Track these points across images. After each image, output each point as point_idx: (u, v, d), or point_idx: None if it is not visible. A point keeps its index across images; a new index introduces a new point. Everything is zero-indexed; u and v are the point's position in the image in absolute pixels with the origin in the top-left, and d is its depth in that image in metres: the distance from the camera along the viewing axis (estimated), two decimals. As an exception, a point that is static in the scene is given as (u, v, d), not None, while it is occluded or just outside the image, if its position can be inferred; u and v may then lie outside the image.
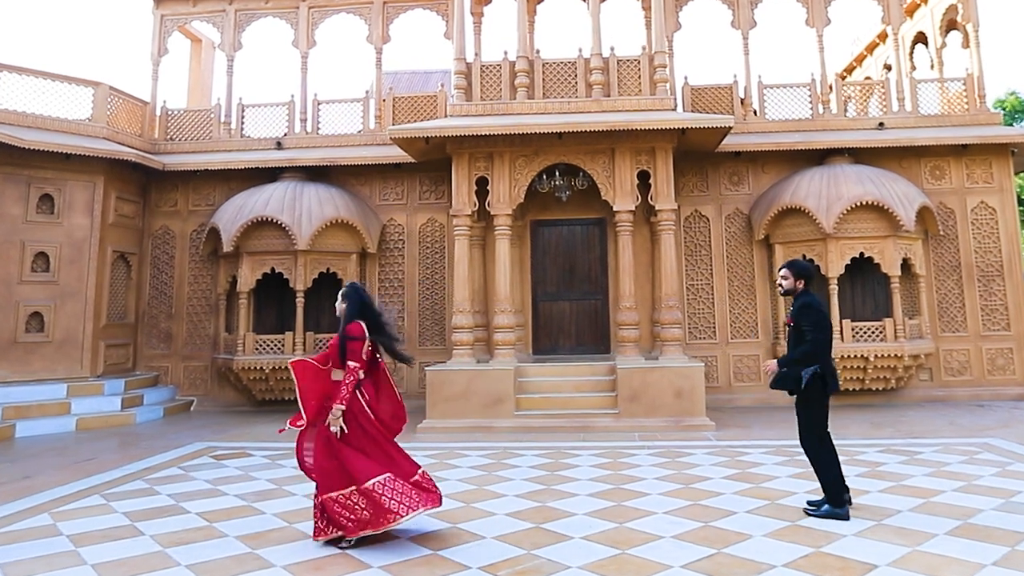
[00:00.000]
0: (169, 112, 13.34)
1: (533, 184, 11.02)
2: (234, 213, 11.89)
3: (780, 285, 5.62)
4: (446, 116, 11.48)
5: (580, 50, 10.94)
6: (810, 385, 5.26)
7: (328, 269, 12.04)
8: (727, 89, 12.38)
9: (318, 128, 12.99)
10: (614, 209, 10.50)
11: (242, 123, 13.18)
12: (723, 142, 11.44)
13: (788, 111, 12.37)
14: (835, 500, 5.26)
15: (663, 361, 10.04)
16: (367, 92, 12.98)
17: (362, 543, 4.74)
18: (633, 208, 10.45)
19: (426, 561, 4.48)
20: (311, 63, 13.19)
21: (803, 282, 5.51)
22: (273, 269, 11.81)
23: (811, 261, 11.30)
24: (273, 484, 6.77)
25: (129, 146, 12.22)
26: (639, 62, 10.82)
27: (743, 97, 12.38)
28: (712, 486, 6.37)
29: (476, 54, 11.29)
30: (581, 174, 10.95)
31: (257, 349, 11.69)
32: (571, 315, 12.19)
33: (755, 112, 12.35)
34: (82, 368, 11.61)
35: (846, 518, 5.20)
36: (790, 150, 11.85)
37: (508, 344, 10.46)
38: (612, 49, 10.88)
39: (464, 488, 6.46)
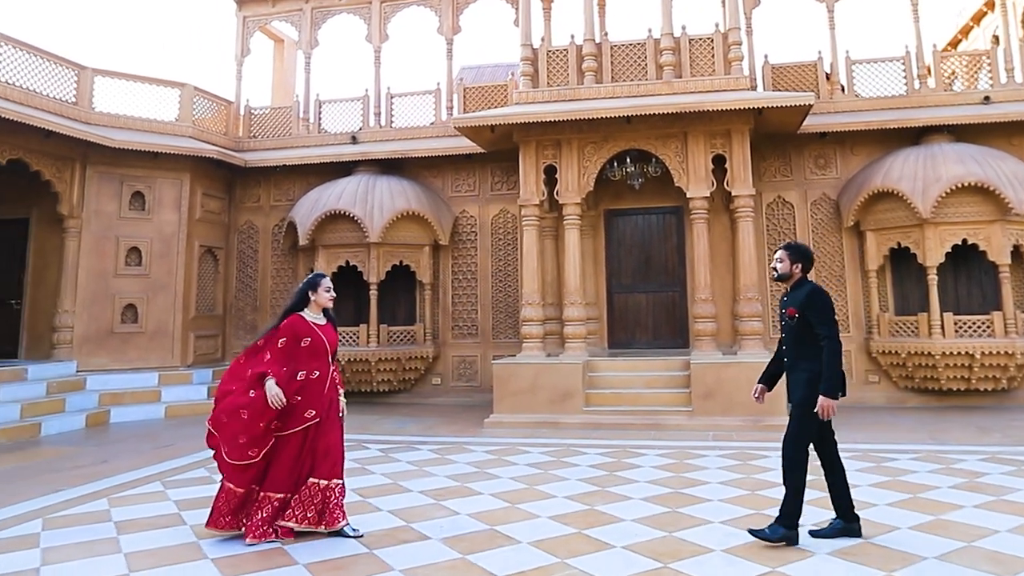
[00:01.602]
0: (252, 110, 13.76)
1: (604, 172, 10.64)
2: (309, 207, 12.12)
3: (774, 269, 4.93)
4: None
5: (650, 31, 10.46)
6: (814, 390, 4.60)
7: (401, 262, 12.08)
8: (811, 66, 11.53)
9: (391, 121, 13.05)
10: (688, 196, 9.99)
11: (319, 119, 13.43)
12: (807, 122, 10.67)
13: (879, 88, 11.38)
14: (791, 522, 4.59)
15: (741, 356, 9.49)
16: (438, 84, 12.93)
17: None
18: (708, 194, 9.91)
19: (451, 566, 4.28)
20: (384, 57, 13.26)
21: (800, 267, 4.83)
22: (348, 262, 11.95)
23: (906, 249, 10.43)
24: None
25: (214, 144, 12.66)
26: (712, 41, 10.23)
27: (829, 74, 11.51)
28: (780, 493, 5.85)
29: (543, 39, 10.99)
30: (653, 160, 10.47)
31: (333, 341, 11.86)
32: (647, 308, 11.75)
33: (842, 90, 11.46)
34: (173, 358, 12.13)
35: (796, 542, 4.58)
36: (882, 129, 10.89)
37: (578, 337, 10.17)
38: (684, 28, 10.34)
39: (514, 487, 6.24)
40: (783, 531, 4.56)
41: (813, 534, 4.74)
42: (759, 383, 5.05)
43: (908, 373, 10.50)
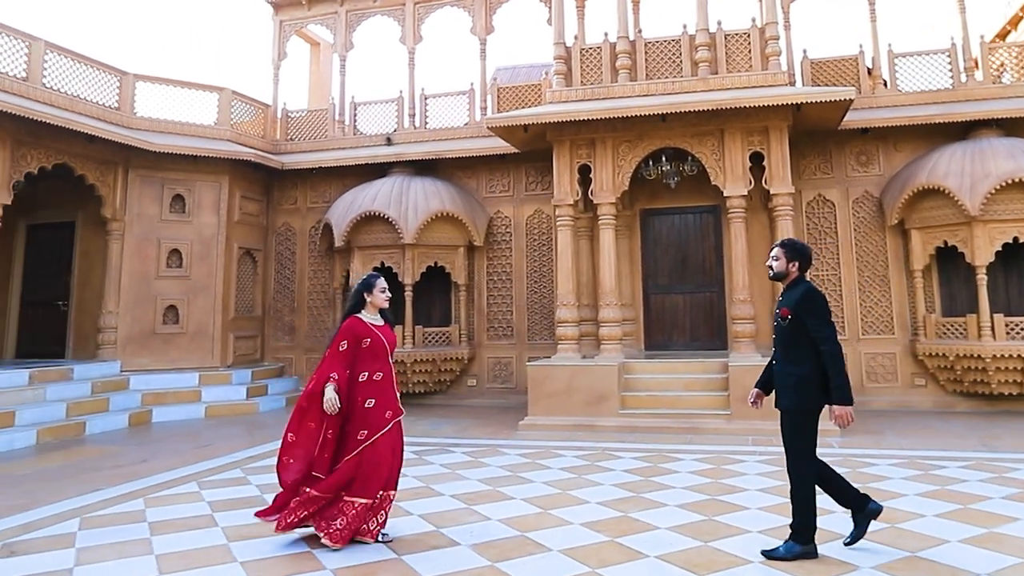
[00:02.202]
0: (289, 113, 13.91)
1: (640, 171, 10.50)
2: (345, 209, 12.20)
3: (769, 267, 4.70)
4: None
5: (684, 27, 10.28)
6: (812, 400, 4.40)
7: (436, 263, 12.09)
8: (852, 60, 11.24)
9: (426, 122, 13.08)
10: (725, 194, 9.79)
11: (355, 121, 13.51)
12: (848, 118, 10.39)
13: (924, 82, 11.02)
14: (806, 536, 4.40)
15: (781, 359, 9.23)
16: (472, 84, 12.92)
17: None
18: (745, 193, 9.69)
19: (479, 573, 4.21)
20: (418, 58, 13.29)
21: (797, 265, 4.59)
22: (383, 263, 11.99)
23: (953, 247, 10.07)
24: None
25: (252, 147, 12.82)
26: (749, 36, 10.01)
27: (870, 68, 11.19)
28: (820, 501, 5.61)
29: (576, 37, 10.88)
30: (689, 159, 10.29)
31: (367, 342, 11.91)
32: (684, 309, 11.56)
33: (885, 84, 11.12)
34: (213, 358, 12.30)
35: (815, 555, 4.39)
36: (927, 124, 10.53)
37: (614, 339, 10.04)
38: (719, 24, 10.14)
39: (547, 492, 6.16)
40: (799, 548, 4.38)
41: (848, 544, 4.57)
42: (755, 387, 4.80)
43: (957, 376, 10.14)
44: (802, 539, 4.40)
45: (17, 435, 8.80)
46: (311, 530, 4.77)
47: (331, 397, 4.61)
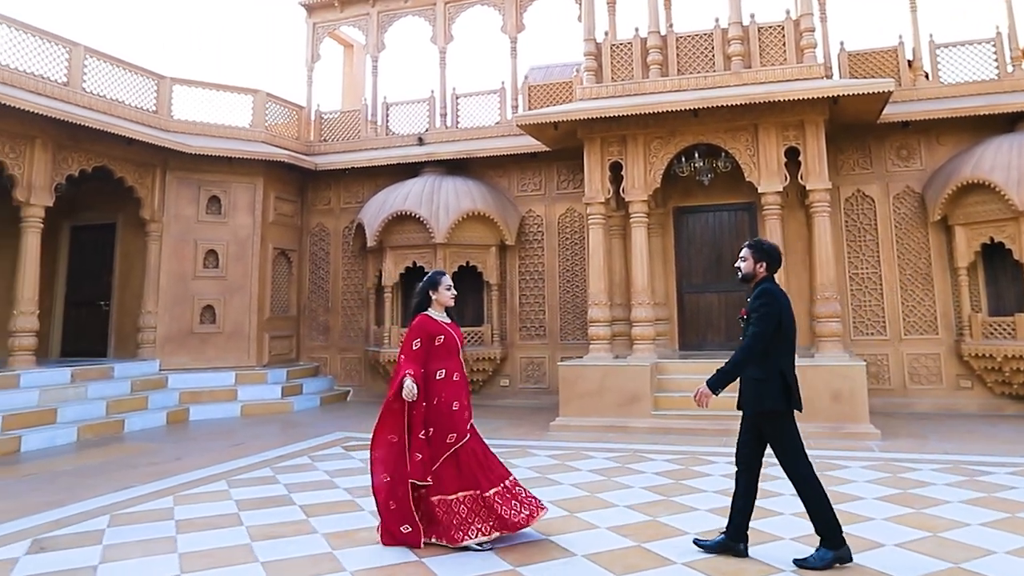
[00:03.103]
0: (322, 115, 14.02)
1: (672, 168, 10.32)
2: (376, 209, 12.25)
3: (738, 268, 4.57)
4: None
5: (716, 20, 10.08)
6: (772, 401, 4.27)
7: (468, 262, 12.06)
8: (891, 52, 10.90)
9: (457, 122, 13.07)
10: (759, 191, 9.56)
11: (387, 121, 13.56)
12: (888, 111, 10.07)
13: (967, 73, 10.63)
14: (836, 541, 4.20)
15: (818, 359, 9.00)
16: (503, 83, 12.86)
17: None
18: (780, 189, 9.46)
19: (501, 578, 4.17)
20: (449, 58, 13.29)
21: (764, 266, 4.46)
22: (415, 263, 12.01)
23: (1000, 244, 9.68)
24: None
25: (286, 148, 12.94)
26: (783, 28, 9.76)
27: (911, 60, 10.84)
28: (859, 508, 5.50)
29: (607, 33, 10.74)
30: (723, 155, 10.09)
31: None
32: (719, 308, 11.36)
33: (926, 76, 10.76)
34: (249, 358, 12.44)
35: (850, 560, 4.21)
36: (971, 116, 10.15)
37: (646, 339, 9.89)
38: (752, 16, 9.91)
39: (575, 495, 6.07)
40: (831, 554, 4.21)
41: (696, 542, 4.59)
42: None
43: (1005, 378, 9.76)
44: (832, 544, 4.23)
45: (59, 432, 9.00)
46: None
47: (409, 384, 4.51)
